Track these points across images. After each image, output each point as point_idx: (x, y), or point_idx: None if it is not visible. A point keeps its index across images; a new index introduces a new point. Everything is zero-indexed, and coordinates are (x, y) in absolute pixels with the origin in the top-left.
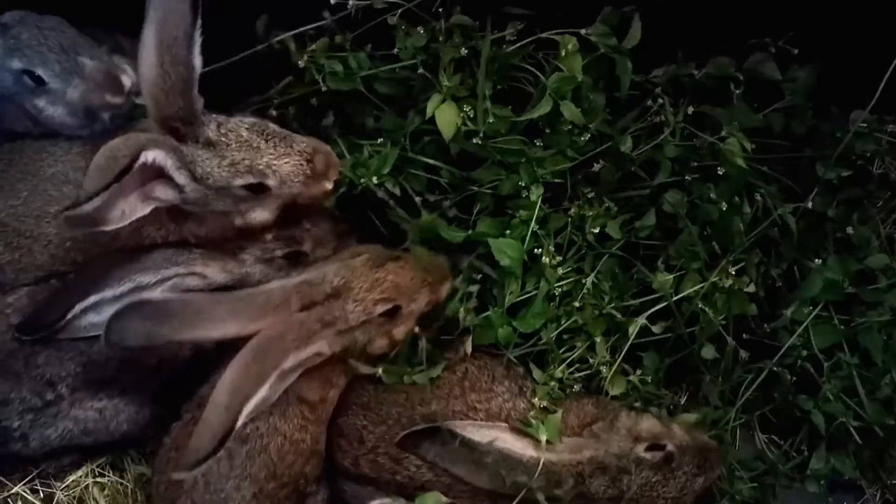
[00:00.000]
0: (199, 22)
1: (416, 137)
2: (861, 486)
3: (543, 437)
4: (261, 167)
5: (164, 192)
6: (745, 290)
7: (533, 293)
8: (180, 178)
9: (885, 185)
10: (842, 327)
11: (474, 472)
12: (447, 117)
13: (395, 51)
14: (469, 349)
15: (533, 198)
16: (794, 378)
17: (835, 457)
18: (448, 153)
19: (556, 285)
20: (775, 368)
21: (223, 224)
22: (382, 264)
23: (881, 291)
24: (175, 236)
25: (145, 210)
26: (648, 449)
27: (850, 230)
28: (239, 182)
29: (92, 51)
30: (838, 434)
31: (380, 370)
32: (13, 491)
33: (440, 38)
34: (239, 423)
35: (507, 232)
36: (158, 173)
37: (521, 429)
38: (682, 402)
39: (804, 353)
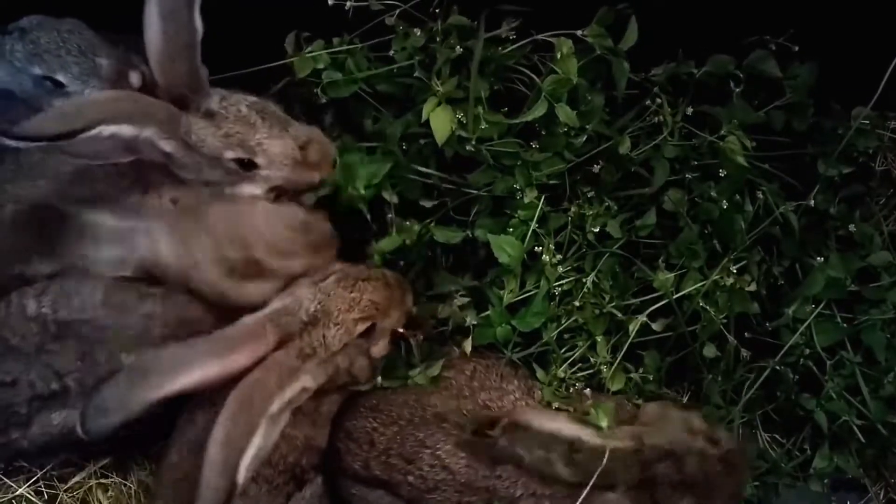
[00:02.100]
0: None
1: (413, 139)
2: (864, 485)
3: (604, 423)
4: (251, 143)
5: (149, 152)
6: (747, 288)
7: (533, 292)
8: (166, 146)
9: (887, 182)
10: (844, 325)
11: (545, 462)
12: (441, 121)
13: (392, 52)
14: (468, 349)
15: (527, 200)
16: (797, 377)
17: (838, 455)
18: (444, 155)
19: (555, 284)
20: (777, 367)
21: None
22: (355, 283)
23: (884, 289)
24: None
25: (125, 158)
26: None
27: (852, 227)
28: (229, 154)
29: (108, 51)
30: (841, 433)
31: (378, 379)
32: (18, 493)
33: (437, 39)
34: (240, 480)
35: (510, 229)
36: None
37: (579, 417)
38: (684, 402)
39: (806, 351)
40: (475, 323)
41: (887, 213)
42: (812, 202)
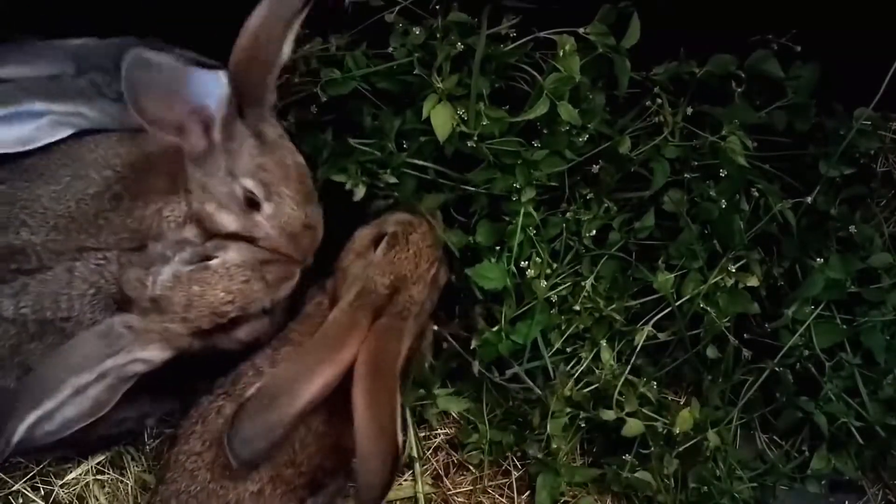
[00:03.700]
0: (304, 14)
1: (413, 137)
2: (863, 487)
3: None
4: (275, 190)
5: (194, 136)
6: (749, 284)
7: (533, 303)
8: (217, 134)
9: (888, 183)
10: (844, 327)
11: None
12: (442, 118)
13: (391, 49)
14: (475, 370)
15: (524, 199)
16: (796, 378)
17: (836, 457)
18: (445, 154)
19: (552, 292)
20: (777, 368)
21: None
22: (406, 240)
23: (884, 291)
24: (188, 215)
25: (169, 133)
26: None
27: (852, 229)
28: (248, 184)
29: None
30: (840, 434)
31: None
32: (14, 488)
33: (437, 36)
34: (400, 441)
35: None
36: (205, 117)
37: None
38: (683, 402)
39: (806, 352)
40: (479, 344)
41: (888, 214)
42: (812, 202)
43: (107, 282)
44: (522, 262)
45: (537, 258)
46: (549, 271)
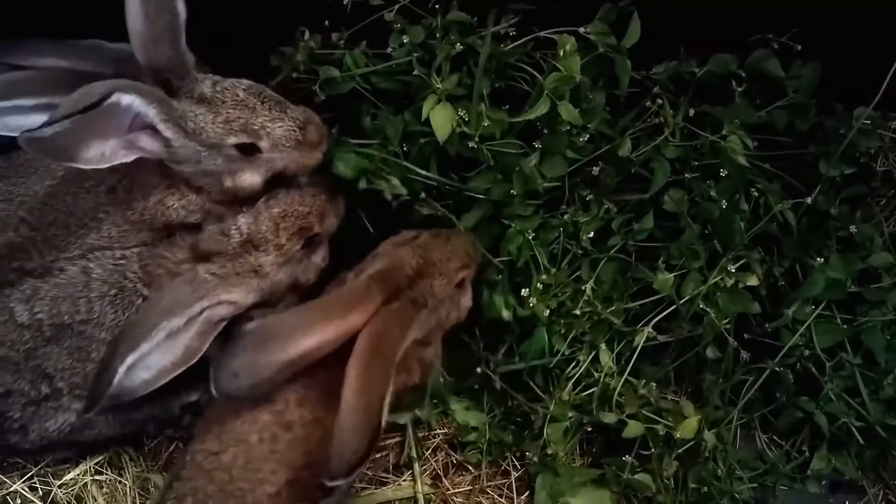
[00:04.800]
0: None
1: (412, 138)
2: (863, 487)
3: None
4: (255, 127)
5: (149, 144)
6: (749, 284)
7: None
8: (166, 130)
9: (888, 183)
10: (844, 326)
11: None
12: (442, 119)
13: (390, 49)
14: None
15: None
16: (796, 378)
17: (836, 457)
18: (445, 153)
19: (553, 300)
20: (777, 368)
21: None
22: (449, 238)
23: (884, 290)
24: (195, 209)
25: (128, 157)
26: None
27: (853, 228)
28: (232, 140)
29: None
30: (840, 434)
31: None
32: (12, 489)
33: (437, 35)
34: (384, 421)
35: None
36: (145, 124)
37: None
38: (682, 402)
39: (806, 352)
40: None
41: (888, 213)
42: (812, 202)
43: (130, 281)
44: (523, 291)
45: (539, 284)
46: (546, 277)
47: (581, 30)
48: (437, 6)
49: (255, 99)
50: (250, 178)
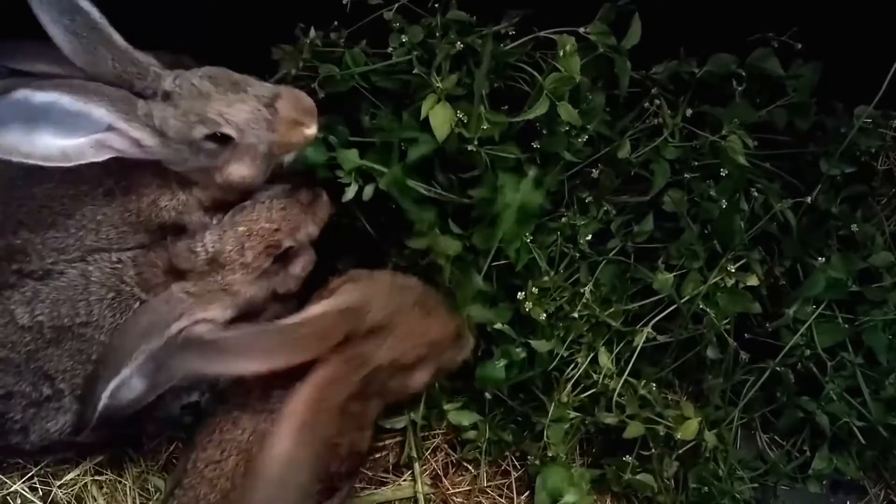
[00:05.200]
0: None
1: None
2: (864, 487)
3: None
4: (211, 116)
5: (119, 143)
6: (749, 284)
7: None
8: (131, 130)
9: (889, 182)
10: (845, 326)
11: None
12: (441, 119)
13: (390, 49)
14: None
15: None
16: (797, 378)
17: (837, 457)
18: (445, 153)
19: (551, 304)
20: (778, 368)
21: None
22: (425, 307)
23: (885, 290)
24: (186, 207)
25: (98, 157)
26: None
27: (854, 227)
28: (196, 133)
29: None
30: (841, 434)
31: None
32: (12, 489)
33: (437, 35)
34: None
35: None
36: (109, 125)
37: None
38: (683, 402)
39: (807, 352)
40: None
41: (889, 213)
42: (812, 201)
43: (126, 284)
44: (519, 295)
45: (534, 289)
46: (545, 280)
47: (581, 30)
48: (436, 5)
49: (210, 85)
50: (237, 170)
